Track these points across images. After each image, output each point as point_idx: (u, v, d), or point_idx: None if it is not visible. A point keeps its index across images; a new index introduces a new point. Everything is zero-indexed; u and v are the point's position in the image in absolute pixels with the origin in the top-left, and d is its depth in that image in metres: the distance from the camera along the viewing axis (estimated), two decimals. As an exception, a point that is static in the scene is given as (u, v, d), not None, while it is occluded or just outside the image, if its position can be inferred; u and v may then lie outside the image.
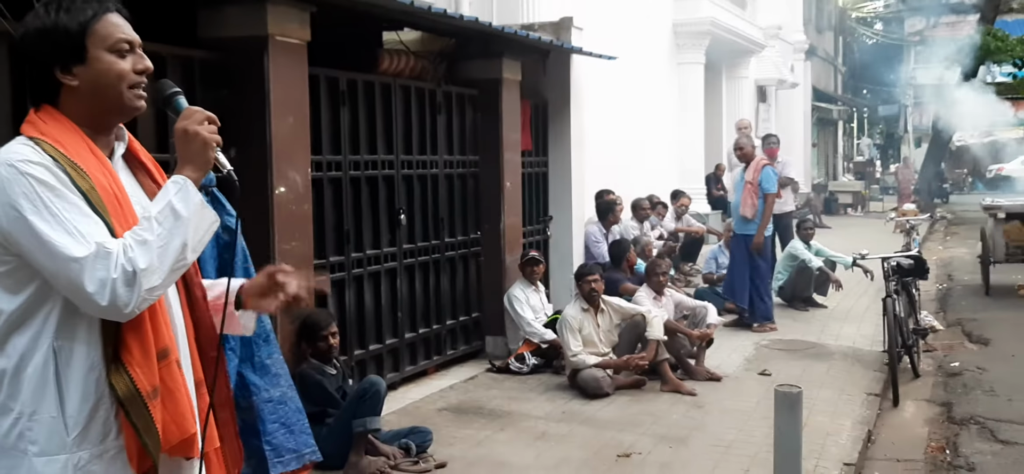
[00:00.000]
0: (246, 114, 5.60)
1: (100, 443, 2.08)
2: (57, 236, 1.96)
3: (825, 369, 8.09)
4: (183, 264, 2.10)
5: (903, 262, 8.56)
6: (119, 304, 1.97)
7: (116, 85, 2.14)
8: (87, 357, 2.06)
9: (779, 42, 22.63)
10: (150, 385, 2.07)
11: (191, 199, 2.10)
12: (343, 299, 6.73)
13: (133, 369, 2.06)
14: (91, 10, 2.12)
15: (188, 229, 2.07)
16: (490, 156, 8.43)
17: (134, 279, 1.98)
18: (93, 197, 2.03)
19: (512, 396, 7.22)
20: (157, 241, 2.02)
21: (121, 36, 2.15)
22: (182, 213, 2.07)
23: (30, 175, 1.98)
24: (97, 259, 1.96)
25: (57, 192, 1.99)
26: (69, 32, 2.09)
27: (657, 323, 7.41)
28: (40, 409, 2.04)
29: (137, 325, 2.07)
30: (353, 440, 5.35)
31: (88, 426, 2.06)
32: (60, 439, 2.04)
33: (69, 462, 2.04)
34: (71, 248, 1.96)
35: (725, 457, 5.77)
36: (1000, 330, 10.01)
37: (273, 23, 5.59)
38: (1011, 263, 12.36)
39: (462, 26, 7.49)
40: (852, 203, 27.31)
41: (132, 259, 1.98)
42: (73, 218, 1.98)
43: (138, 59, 2.18)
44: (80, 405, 2.05)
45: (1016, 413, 6.94)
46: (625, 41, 11.91)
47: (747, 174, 9.81)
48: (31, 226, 1.96)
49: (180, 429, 2.13)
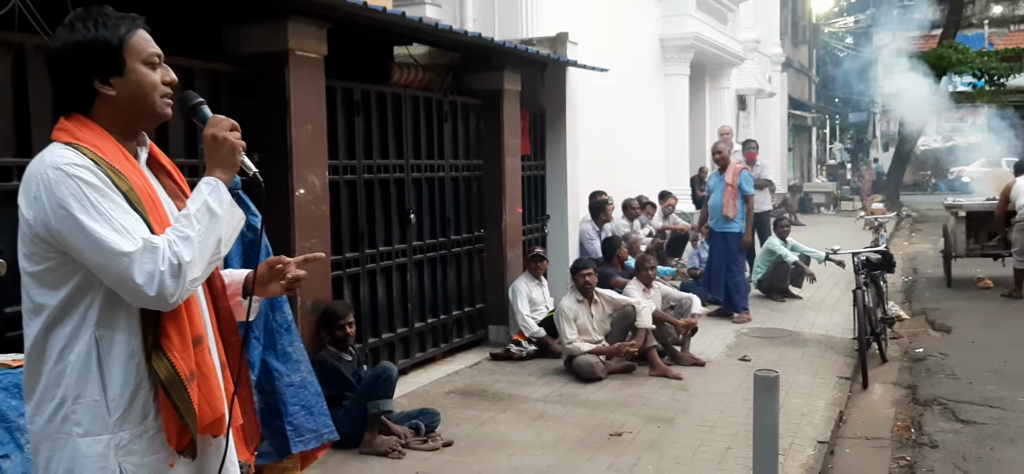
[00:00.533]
0: (268, 123, 5.61)
1: (140, 423, 2.09)
2: (106, 233, 1.96)
3: (800, 355, 8.10)
4: (217, 257, 2.12)
5: (872, 256, 8.57)
6: (165, 294, 1.99)
7: (150, 94, 2.15)
8: (127, 345, 2.07)
9: (758, 55, 22.62)
10: (188, 369, 2.09)
11: (223, 198, 2.12)
12: (358, 292, 6.73)
13: (173, 355, 2.07)
14: (126, 27, 2.13)
15: (221, 226, 2.10)
16: (492, 160, 8.43)
17: (180, 272, 2.00)
18: (132, 197, 2.04)
19: (513, 380, 7.22)
20: (197, 237, 2.04)
21: (153, 50, 2.17)
22: (216, 211, 2.09)
23: (77, 177, 1.98)
24: (144, 253, 1.97)
25: (102, 192, 1.99)
26: (109, 45, 2.09)
27: (646, 313, 7.42)
28: (83, 394, 2.04)
29: (175, 315, 2.09)
30: (368, 421, 5.37)
31: (129, 408, 2.07)
32: (103, 421, 2.05)
33: (111, 441, 2.06)
34: (120, 243, 1.96)
35: (709, 436, 5.77)
36: (961, 319, 10.01)
37: (293, 39, 5.61)
38: (971, 257, 12.37)
39: (466, 41, 7.49)
40: (825, 202, 27.36)
41: (177, 253, 2.00)
42: (118, 216, 1.99)
43: (165, 71, 2.20)
44: (121, 389, 2.06)
45: (975, 395, 6.94)
46: (616, 55, 11.90)
47: (726, 177, 9.84)
48: (81, 224, 1.96)
49: (213, 409, 2.15)
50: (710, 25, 16.79)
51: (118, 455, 2.06)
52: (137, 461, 2.08)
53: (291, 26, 5.58)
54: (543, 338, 7.94)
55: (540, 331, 7.98)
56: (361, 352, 6.06)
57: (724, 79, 19.33)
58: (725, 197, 9.80)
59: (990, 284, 12.08)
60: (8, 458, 3.39)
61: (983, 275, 12.45)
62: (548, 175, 9.70)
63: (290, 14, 5.55)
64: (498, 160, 8.41)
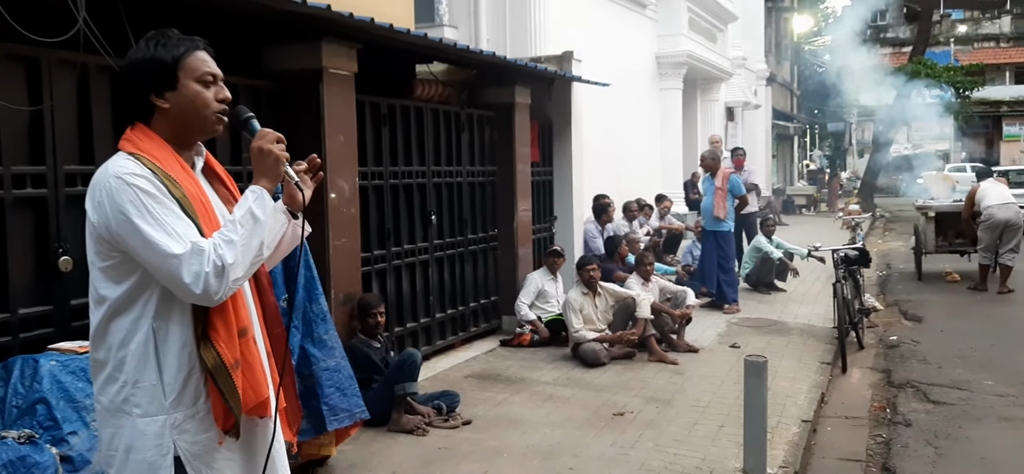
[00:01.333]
0: (304, 134, 5.62)
1: (192, 406, 2.11)
2: (159, 236, 1.98)
3: (785, 342, 8.08)
4: (260, 259, 2.12)
5: (850, 253, 8.55)
6: (210, 292, 2.00)
7: (201, 110, 2.16)
8: (181, 335, 2.09)
9: (744, 70, 22.58)
10: (233, 358, 2.10)
11: (266, 205, 2.12)
12: (385, 285, 6.76)
13: (219, 345, 2.08)
14: (183, 47, 2.15)
15: (264, 230, 2.10)
16: (505, 167, 8.44)
17: (223, 272, 2.01)
18: (185, 204, 2.06)
19: (524, 365, 7.23)
20: (240, 241, 2.05)
21: (206, 69, 2.17)
22: (260, 217, 2.09)
23: (135, 186, 2.00)
24: (193, 255, 1.99)
25: (157, 199, 2.01)
26: (164, 63, 2.12)
27: (645, 305, 7.42)
28: (142, 378, 2.07)
29: (222, 308, 2.10)
30: (395, 401, 5.39)
31: (182, 392, 2.09)
32: (159, 403, 2.08)
33: (167, 422, 2.08)
34: (171, 246, 1.98)
35: (703, 415, 5.77)
36: (931, 309, 9.98)
37: (326, 58, 5.63)
38: (940, 254, 12.33)
39: (482, 60, 7.51)
40: (806, 204, 27.28)
41: (221, 255, 2.01)
42: (171, 221, 2.01)
43: (220, 90, 2.20)
44: (176, 375, 2.08)
45: (945, 378, 6.92)
46: (616, 71, 11.91)
47: (716, 181, 9.86)
48: (137, 228, 1.98)
49: (256, 394, 2.15)
50: (701, 44, 16.78)
51: (173, 434, 2.08)
52: (190, 439, 2.10)
53: (325, 46, 5.60)
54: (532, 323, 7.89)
55: (530, 315, 7.93)
56: (388, 339, 6.08)
57: (714, 92, 19.31)
58: (715, 200, 9.82)
59: (957, 278, 12.02)
60: (76, 434, 3.43)
61: (951, 270, 12.40)
62: (555, 180, 9.71)
63: (324, 36, 5.57)
64: (510, 166, 8.42)
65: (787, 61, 34.80)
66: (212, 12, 4.75)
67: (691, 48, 15.78)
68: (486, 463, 4.88)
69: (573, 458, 4.94)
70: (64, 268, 4.17)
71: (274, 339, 2.37)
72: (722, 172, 9.88)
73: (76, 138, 4.33)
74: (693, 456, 4.97)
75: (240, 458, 2.22)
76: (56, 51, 4.13)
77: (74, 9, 3.88)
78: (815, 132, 46.56)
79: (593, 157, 10.55)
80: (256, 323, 2.29)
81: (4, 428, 3.37)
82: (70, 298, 4.22)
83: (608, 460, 4.91)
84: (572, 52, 9.26)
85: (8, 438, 3.25)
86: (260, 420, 2.24)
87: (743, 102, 21.94)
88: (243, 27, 5.35)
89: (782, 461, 4.91)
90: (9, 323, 4.01)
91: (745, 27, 22.48)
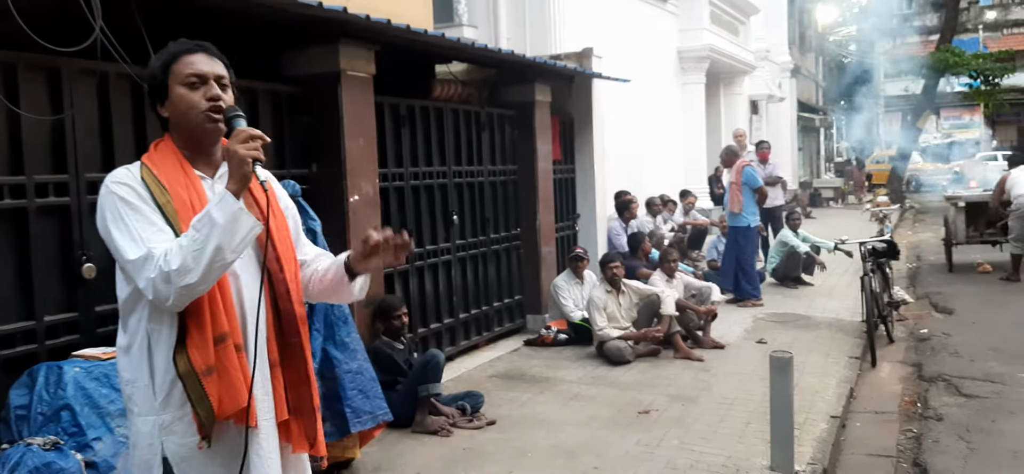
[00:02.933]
0: (324, 136, 5.65)
1: (180, 408, 2.12)
2: (123, 242, 2.06)
3: (813, 337, 7.98)
4: (222, 263, 2.01)
5: (878, 245, 8.43)
6: (160, 298, 2.02)
7: (188, 113, 2.17)
8: (169, 338, 2.11)
9: (768, 63, 22.35)
10: (205, 364, 2.08)
11: (227, 208, 2.01)
12: (408, 286, 6.76)
13: (191, 350, 2.08)
14: (172, 54, 2.18)
15: (223, 234, 1.99)
16: (526, 165, 8.41)
17: (169, 278, 1.99)
18: (168, 210, 2.09)
19: (549, 364, 7.20)
20: (191, 246, 1.99)
21: (190, 72, 2.16)
22: (218, 220, 1.99)
23: (115, 193, 2.09)
24: (145, 261, 2.02)
25: (133, 207, 2.07)
26: (155, 75, 2.19)
27: (669, 301, 7.36)
28: (138, 378, 2.15)
29: (196, 314, 2.08)
30: (418, 403, 5.39)
31: (170, 394, 2.12)
32: (150, 403, 2.14)
33: (156, 422, 2.13)
34: (129, 251, 2.04)
35: (729, 412, 5.71)
36: (962, 301, 9.81)
37: (345, 60, 5.64)
38: (970, 244, 12.12)
39: (501, 58, 7.48)
40: (833, 197, 26.98)
41: (168, 261, 2.00)
42: (140, 228, 2.05)
43: (209, 89, 2.17)
44: (164, 377, 2.11)
45: (977, 371, 6.79)
46: (638, 66, 11.84)
47: (731, 176, 9.78)
48: (110, 233, 2.08)
49: (234, 401, 2.11)
50: (723, 37, 16.63)
51: (161, 435, 2.13)
52: (177, 441, 2.13)
53: (342, 49, 5.61)
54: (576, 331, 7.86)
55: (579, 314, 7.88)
56: (411, 341, 6.08)
57: (737, 86, 19.14)
58: (730, 194, 9.79)
59: (989, 269, 11.81)
60: (100, 440, 3.45)
61: (982, 260, 12.18)
62: (577, 177, 9.67)
63: (341, 38, 5.58)
64: (532, 165, 8.39)
65: (812, 52, 34.43)
66: (229, 18, 4.76)
67: (713, 42, 15.64)
68: (511, 463, 4.86)
69: (598, 457, 4.90)
70: (88, 275, 4.20)
71: (291, 349, 2.30)
72: (736, 166, 9.79)
73: (97, 146, 4.36)
74: (719, 454, 4.92)
75: (226, 466, 2.17)
76: (76, 60, 4.17)
77: (90, 17, 3.91)
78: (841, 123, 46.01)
79: (615, 154, 10.49)
80: (260, 330, 2.22)
81: (29, 435, 3.40)
82: (94, 305, 4.25)
83: (633, 459, 4.87)
84: (592, 49, 9.21)
85: (34, 445, 3.28)
86: (252, 429, 2.18)
87: (767, 95, 21.72)
88: (261, 33, 5.37)
89: (810, 458, 4.84)
90: (35, 331, 4.04)
91: (768, 19, 22.25)
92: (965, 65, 24.51)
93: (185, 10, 4.55)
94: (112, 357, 3.67)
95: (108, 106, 4.40)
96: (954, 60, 24.24)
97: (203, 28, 3.13)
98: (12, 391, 3.60)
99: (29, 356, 3.97)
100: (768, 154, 12.50)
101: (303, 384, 2.33)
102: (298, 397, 2.32)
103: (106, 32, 4.02)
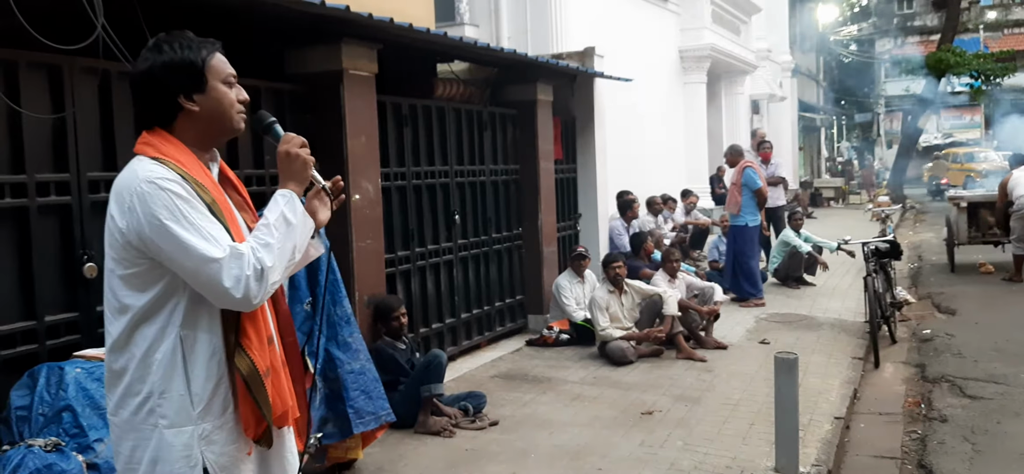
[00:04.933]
0: (326, 135, 5.62)
1: (221, 416, 2.08)
2: (197, 241, 1.95)
3: (815, 337, 7.96)
4: (293, 262, 2.12)
5: (880, 246, 8.41)
6: (250, 296, 1.99)
7: (228, 110, 2.15)
8: (209, 343, 2.05)
9: (769, 63, 22.32)
10: (265, 365, 2.09)
11: (297, 209, 2.12)
12: (409, 286, 6.73)
13: (252, 352, 2.07)
14: (207, 49, 2.13)
15: (297, 233, 2.10)
16: (528, 165, 8.39)
17: (263, 276, 2.00)
18: (215, 208, 2.04)
19: (551, 364, 7.18)
20: (277, 244, 2.05)
21: (229, 71, 2.17)
22: (292, 221, 2.10)
23: (168, 190, 1.97)
24: (232, 259, 1.97)
25: (190, 204, 1.98)
26: (194, 65, 2.10)
27: (672, 301, 7.34)
28: (169, 388, 2.02)
29: (253, 316, 2.08)
30: (421, 403, 5.36)
31: (211, 402, 2.06)
32: (187, 413, 2.04)
33: (195, 432, 2.04)
34: (209, 250, 1.96)
35: (733, 413, 5.69)
36: (965, 302, 9.78)
37: (347, 59, 5.62)
38: (972, 245, 12.09)
39: (503, 57, 7.46)
40: (834, 197, 26.96)
41: (261, 259, 2.00)
42: (206, 225, 1.98)
43: (239, 91, 2.19)
44: (204, 384, 2.05)
45: (981, 372, 6.77)
46: (639, 65, 11.81)
47: (732, 177, 9.77)
48: (173, 233, 1.94)
49: (282, 402, 2.14)
50: (725, 36, 16.61)
51: (201, 445, 2.04)
52: (218, 450, 2.07)
53: (345, 48, 5.59)
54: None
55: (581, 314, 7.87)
56: (413, 341, 6.05)
57: (739, 85, 19.12)
58: (730, 194, 9.81)
59: (991, 269, 11.79)
60: (102, 441, 3.43)
61: (984, 261, 12.16)
62: (579, 177, 9.64)
63: (343, 37, 5.56)
64: (533, 164, 8.37)
65: (812, 52, 34.41)
66: (232, 15, 4.74)
67: (715, 41, 15.61)
68: (514, 464, 4.84)
69: (602, 458, 4.88)
70: (89, 274, 4.18)
71: (287, 348, 2.32)
72: (738, 167, 9.79)
73: (99, 145, 4.34)
74: (724, 455, 4.89)
75: (256, 469, 2.19)
76: (77, 58, 4.14)
77: (92, 15, 3.88)
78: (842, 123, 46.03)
79: (617, 153, 10.46)
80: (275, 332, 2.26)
81: (31, 436, 3.38)
82: (95, 304, 4.22)
83: (637, 460, 4.85)
84: (594, 48, 9.18)
85: (35, 446, 3.26)
86: (278, 430, 2.21)
87: (768, 94, 21.70)
88: (264, 31, 5.35)
89: (815, 459, 4.81)
90: (36, 330, 4.02)
91: (769, 19, 22.23)
92: (966, 65, 24.50)
93: (188, 8, 4.53)
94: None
95: (110, 105, 4.38)
96: (955, 60, 24.24)
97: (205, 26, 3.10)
98: (13, 392, 3.58)
99: (30, 356, 3.95)
100: (770, 154, 12.48)
101: (298, 382, 2.36)
102: (298, 396, 2.33)
103: (108, 30, 3.99)
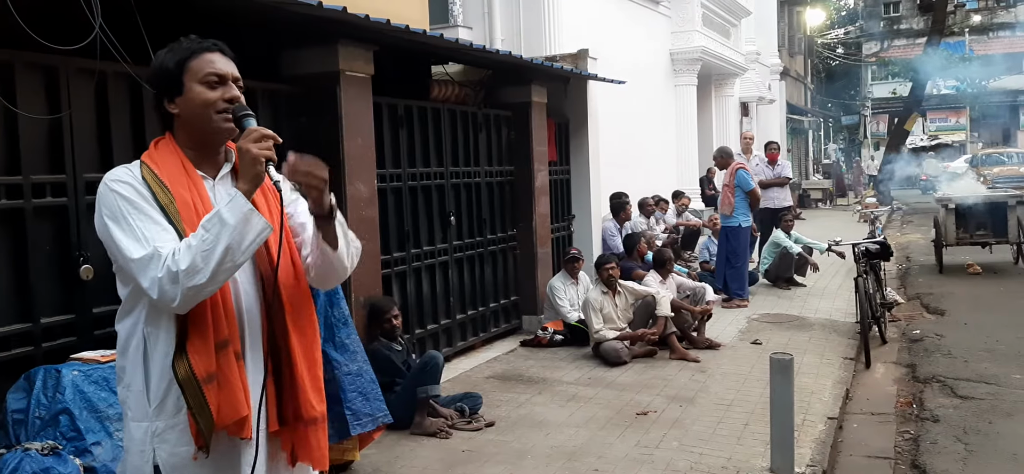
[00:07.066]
0: (323, 136, 5.59)
1: (174, 416, 2.05)
2: (125, 241, 1.98)
3: (807, 338, 7.96)
4: (231, 265, 1.96)
5: (870, 247, 8.42)
6: (166, 299, 1.94)
7: (203, 111, 2.10)
8: (167, 342, 2.03)
9: (758, 65, 22.40)
10: (205, 371, 2.00)
11: (238, 209, 1.96)
12: (405, 287, 6.70)
13: (192, 356, 2.00)
14: (189, 50, 2.12)
15: (233, 235, 1.94)
16: (523, 166, 8.37)
17: (177, 278, 1.92)
18: (170, 210, 2.02)
19: (546, 365, 7.15)
20: (200, 246, 1.93)
21: (210, 70, 2.11)
22: (228, 220, 1.94)
23: (115, 191, 2.02)
24: (151, 260, 1.95)
25: (135, 205, 2.00)
26: (169, 69, 2.11)
27: (665, 302, 7.33)
28: (134, 382, 2.08)
29: (198, 318, 2.01)
30: (417, 404, 5.33)
31: (164, 400, 2.04)
32: (144, 409, 2.06)
33: (149, 428, 2.06)
34: (133, 250, 1.97)
35: (727, 413, 5.67)
36: (953, 302, 9.81)
37: (343, 61, 5.58)
38: (960, 246, 12.14)
39: (497, 59, 7.44)
40: (822, 198, 27.09)
41: (176, 261, 1.93)
42: (143, 226, 1.98)
43: (227, 90, 2.12)
44: (159, 382, 2.04)
45: (971, 372, 6.78)
46: (631, 68, 11.81)
47: (724, 178, 9.78)
48: (111, 232, 2.01)
49: (233, 411, 2.03)
50: (715, 39, 16.65)
51: (153, 442, 2.05)
52: (169, 450, 2.05)
53: (341, 49, 5.56)
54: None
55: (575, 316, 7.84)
56: (409, 342, 6.02)
57: (728, 87, 19.18)
58: (722, 195, 9.83)
59: (979, 270, 11.84)
60: (99, 445, 3.38)
61: (972, 262, 12.21)
62: (573, 178, 9.63)
63: (340, 38, 5.53)
64: (528, 166, 8.35)
65: (800, 55, 34.53)
66: (228, 17, 4.70)
67: (705, 44, 15.64)
68: (510, 465, 4.81)
69: (598, 459, 4.85)
70: (85, 276, 4.12)
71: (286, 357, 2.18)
72: (731, 168, 9.80)
73: (95, 146, 4.29)
74: (719, 455, 4.87)
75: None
76: (74, 59, 4.09)
77: (90, 16, 3.84)
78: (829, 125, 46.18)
79: (610, 155, 10.45)
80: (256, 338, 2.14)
81: (27, 439, 3.33)
82: (92, 306, 4.17)
83: (633, 460, 4.83)
84: (587, 50, 9.17)
85: (32, 450, 3.21)
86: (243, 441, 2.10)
87: (757, 97, 21.77)
88: (261, 32, 5.30)
89: (809, 459, 4.80)
90: (32, 333, 3.97)
91: (758, 22, 22.31)
92: (951, 68, 24.64)
93: (183, 9, 4.49)
94: (111, 360, 3.60)
95: (106, 106, 4.33)
96: (941, 63, 24.37)
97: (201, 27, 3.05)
98: (9, 395, 3.53)
99: (26, 359, 3.89)
100: (777, 155, 12.48)
101: (298, 394, 2.20)
102: (295, 407, 2.19)
103: (106, 30, 3.94)
